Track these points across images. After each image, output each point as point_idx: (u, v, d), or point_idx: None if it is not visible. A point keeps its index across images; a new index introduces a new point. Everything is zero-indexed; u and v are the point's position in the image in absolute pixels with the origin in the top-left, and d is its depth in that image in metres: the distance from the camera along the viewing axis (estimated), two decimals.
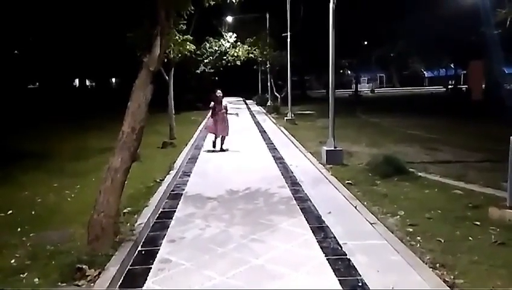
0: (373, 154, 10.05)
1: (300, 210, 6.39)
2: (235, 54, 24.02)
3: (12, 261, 4.57)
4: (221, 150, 12.08)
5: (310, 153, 11.09)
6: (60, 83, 41.95)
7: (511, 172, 5.49)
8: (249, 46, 24.39)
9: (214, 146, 12.25)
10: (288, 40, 19.49)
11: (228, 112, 12.35)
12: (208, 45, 23.62)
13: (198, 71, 25.08)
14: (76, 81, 51.42)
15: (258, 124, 19.97)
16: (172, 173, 8.88)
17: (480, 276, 4.06)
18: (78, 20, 27.12)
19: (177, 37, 11.69)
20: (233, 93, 40.19)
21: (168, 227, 5.78)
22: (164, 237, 5.40)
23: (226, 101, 12.39)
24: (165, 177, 8.48)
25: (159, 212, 6.46)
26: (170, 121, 14.44)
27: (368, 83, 66.89)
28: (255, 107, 31.43)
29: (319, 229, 5.54)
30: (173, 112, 14.59)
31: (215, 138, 12.21)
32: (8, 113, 20.91)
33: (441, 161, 9.95)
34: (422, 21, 29.56)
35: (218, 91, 12.24)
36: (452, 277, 4.03)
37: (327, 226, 5.63)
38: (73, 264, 4.26)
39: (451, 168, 8.93)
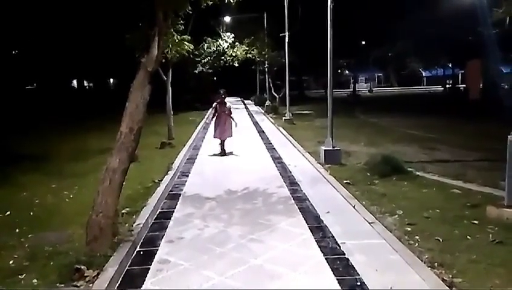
0: (371, 154, 10.06)
1: (298, 210, 6.39)
2: (233, 54, 24.04)
3: (11, 262, 4.56)
4: (223, 153, 11.44)
5: (308, 152, 11.10)
6: (57, 84, 41.85)
7: (509, 171, 5.50)
8: (247, 47, 24.41)
9: (224, 151, 11.52)
10: (286, 40, 19.49)
11: (231, 115, 11.60)
12: (205, 45, 23.64)
13: (196, 71, 25.10)
14: (74, 82, 51.33)
15: (256, 124, 19.98)
16: (171, 173, 8.88)
17: (479, 275, 4.07)
18: (76, 21, 27.08)
19: (174, 38, 11.69)
20: (231, 94, 40.23)
21: (167, 227, 5.77)
22: (163, 237, 5.39)
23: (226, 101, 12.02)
24: (164, 177, 8.47)
25: (158, 212, 6.46)
26: (168, 122, 14.44)
27: (365, 83, 66.98)
28: (253, 107, 31.45)
29: (318, 228, 5.55)
30: (171, 112, 14.58)
31: (221, 142, 11.55)
32: (6, 115, 20.86)
33: (439, 160, 9.98)
34: (420, 21, 29.61)
35: (222, 91, 11.64)
36: (450, 276, 4.04)
37: (325, 226, 5.64)
38: (71, 265, 4.26)
39: (450, 168, 8.95)
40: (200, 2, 6.54)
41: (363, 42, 45.45)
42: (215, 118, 11.60)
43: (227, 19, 25.85)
